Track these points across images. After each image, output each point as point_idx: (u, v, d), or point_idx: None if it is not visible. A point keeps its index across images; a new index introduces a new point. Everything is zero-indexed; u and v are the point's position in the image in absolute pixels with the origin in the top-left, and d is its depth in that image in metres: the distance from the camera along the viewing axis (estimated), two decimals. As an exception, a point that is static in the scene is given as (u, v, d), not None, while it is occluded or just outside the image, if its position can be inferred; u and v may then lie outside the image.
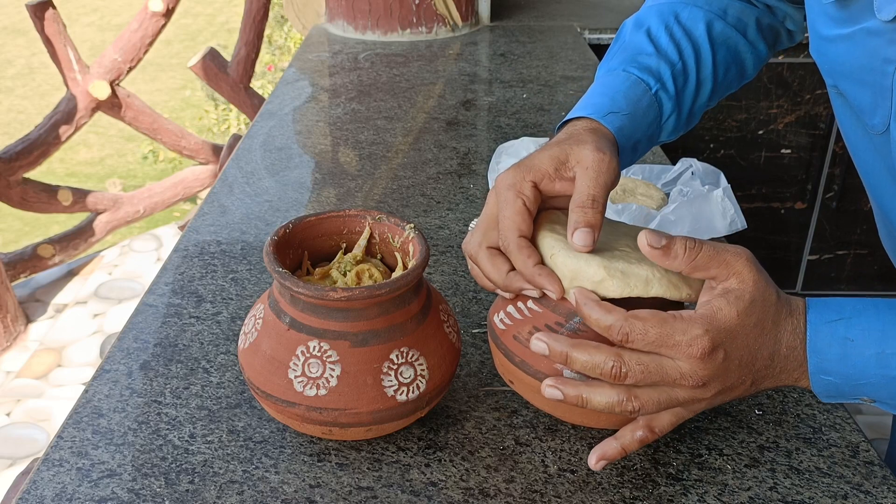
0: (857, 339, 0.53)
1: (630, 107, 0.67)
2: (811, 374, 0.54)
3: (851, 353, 0.53)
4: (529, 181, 0.59)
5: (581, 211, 0.57)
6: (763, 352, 0.54)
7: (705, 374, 0.53)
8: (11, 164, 2.64)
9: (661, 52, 0.72)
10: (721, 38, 0.75)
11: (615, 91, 0.68)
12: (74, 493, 0.61)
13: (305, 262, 0.67)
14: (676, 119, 0.73)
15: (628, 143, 0.67)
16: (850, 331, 0.53)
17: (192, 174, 3.19)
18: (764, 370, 0.55)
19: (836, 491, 0.61)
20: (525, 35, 1.95)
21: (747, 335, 0.53)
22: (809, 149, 2.16)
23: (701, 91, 0.74)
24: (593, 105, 0.67)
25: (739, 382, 0.55)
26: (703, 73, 0.74)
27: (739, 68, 0.78)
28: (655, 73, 0.70)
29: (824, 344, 0.53)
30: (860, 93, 0.61)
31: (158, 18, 2.78)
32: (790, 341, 0.54)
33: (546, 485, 0.62)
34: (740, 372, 0.54)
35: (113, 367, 0.75)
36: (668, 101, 0.71)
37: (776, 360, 0.54)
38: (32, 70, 7.07)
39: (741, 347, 0.53)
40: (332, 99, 1.52)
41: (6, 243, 4.47)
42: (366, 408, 0.59)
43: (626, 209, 0.95)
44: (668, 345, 0.52)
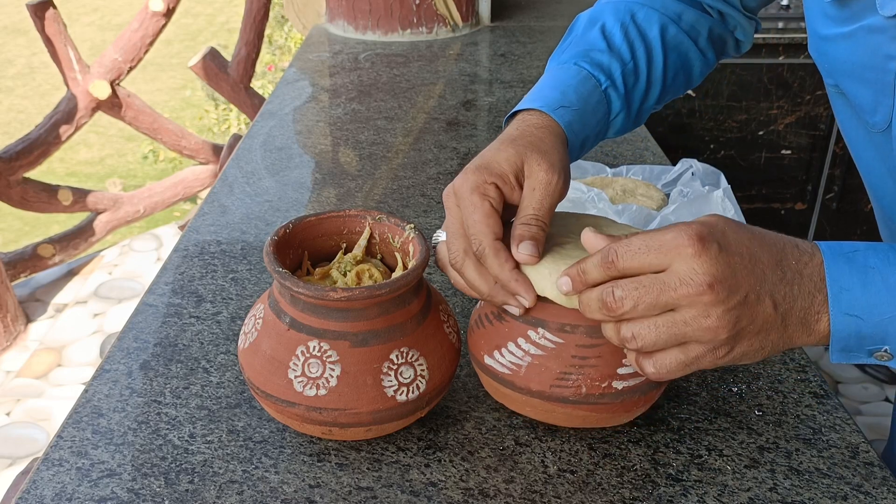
0: (878, 266, 0.50)
1: (580, 102, 0.67)
2: (832, 312, 0.50)
3: (874, 280, 0.49)
4: (492, 183, 0.58)
5: (525, 227, 0.57)
6: (764, 255, 0.50)
7: (705, 270, 0.48)
8: (12, 163, 2.64)
9: (614, 49, 0.72)
10: (674, 42, 0.75)
11: (566, 85, 0.68)
12: (74, 492, 0.61)
13: (305, 262, 0.67)
14: (625, 118, 0.73)
15: (577, 138, 0.67)
16: (869, 259, 0.50)
17: (192, 174, 3.18)
18: (779, 284, 0.50)
19: (835, 492, 0.61)
20: (525, 35, 1.95)
21: (737, 230, 0.50)
22: (809, 149, 2.16)
23: (650, 92, 0.74)
24: (544, 98, 0.66)
25: (756, 297, 0.49)
26: (654, 74, 0.74)
27: (687, 74, 0.78)
28: (606, 69, 0.70)
29: (843, 272, 0.50)
30: (861, 91, 0.61)
31: (159, 18, 2.78)
32: (798, 255, 0.51)
33: (546, 485, 0.62)
34: (750, 278, 0.49)
35: (113, 367, 0.75)
36: (618, 100, 0.71)
37: (788, 270, 0.50)
38: (33, 70, 7.07)
39: (735, 242, 0.50)
40: (332, 99, 1.52)
41: (6, 243, 4.47)
42: (365, 408, 0.59)
43: (626, 210, 0.95)
44: (656, 246, 0.50)
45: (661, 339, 0.51)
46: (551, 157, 0.60)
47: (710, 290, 0.48)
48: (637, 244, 0.50)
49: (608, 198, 0.98)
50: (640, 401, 0.62)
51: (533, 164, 0.59)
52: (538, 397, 0.61)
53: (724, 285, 0.49)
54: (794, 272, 0.50)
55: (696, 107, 2.12)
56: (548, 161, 0.59)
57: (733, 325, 0.50)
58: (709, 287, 0.48)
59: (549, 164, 0.59)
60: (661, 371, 0.53)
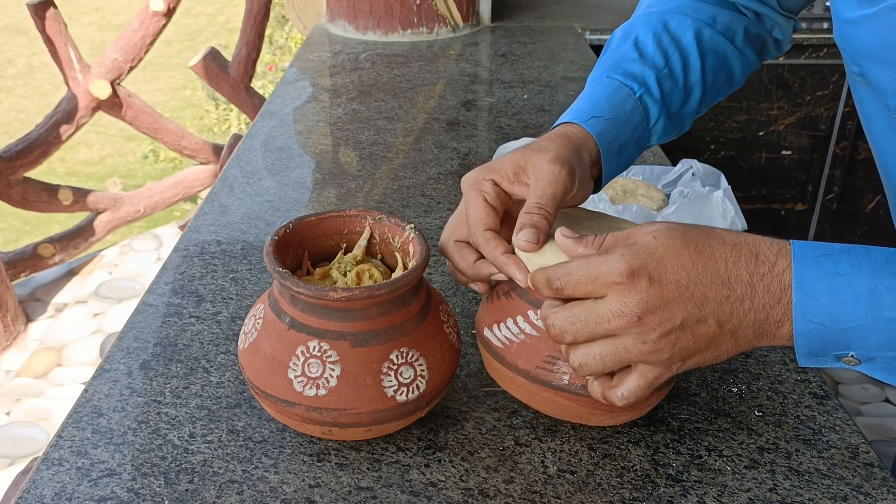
0: (848, 273, 0.49)
1: (612, 111, 0.68)
2: (795, 317, 0.50)
3: (842, 288, 0.49)
4: (489, 180, 0.62)
5: (527, 215, 0.59)
6: (708, 276, 0.50)
7: (635, 304, 0.50)
8: (12, 163, 2.64)
9: (647, 58, 0.72)
10: (710, 45, 0.75)
11: (598, 97, 0.69)
12: (74, 492, 0.61)
13: (305, 262, 0.67)
14: (666, 123, 0.73)
15: (612, 146, 0.68)
16: (840, 265, 0.49)
17: (192, 174, 3.18)
18: (725, 303, 0.50)
19: (835, 493, 0.61)
20: (526, 36, 1.95)
21: (677, 255, 0.50)
22: (810, 150, 2.16)
23: (691, 97, 0.75)
24: (577, 111, 0.68)
25: (696, 319, 0.50)
26: (692, 78, 0.74)
27: (728, 75, 0.78)
28: (639, 78, 0.71)
29: (811, 277, 0.49)
30: (884, 73, 0.60)
31: (159, 18, 2.78)
32: (754, 268, 0.50)
33: (546, 485, 0.62)
34: (687, 304, 0.50)
35: (113, 367, 0.75)
36: (654, 105, 0.71)
37: (737, 287, 0.50)
38: (33, 69, 7.07)
39: (672, 269, 0.50)
40: (332, 99, 1.52)
41: (6, 242, 4.47)
42: (365, 408, 0.59)
43: (627, 210, 0.95)
44: (592, 278, 0.52)
45: (608, 366, 0.53)
46: (556, 152, 0.62)
47: (640, 322, 0.51)
48: (577, 274, 0.53)
49: (608, 198, 0.98)
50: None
51: (536, 159, 0.61)
52: (523, 376, 0.62)
53: (654, 315, 0.50)
54: (745, 286, 0.50)
55: (697, 107, 2.12)
56: (551, 154, 0.61)
57: (672, 347, 0.51)
58: (638, 319, 0.50)
59: (552, 156, 0.61)
60: (628, 398, 0.55)
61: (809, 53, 2.04)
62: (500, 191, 0.62)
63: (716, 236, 0.52)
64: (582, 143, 0.65)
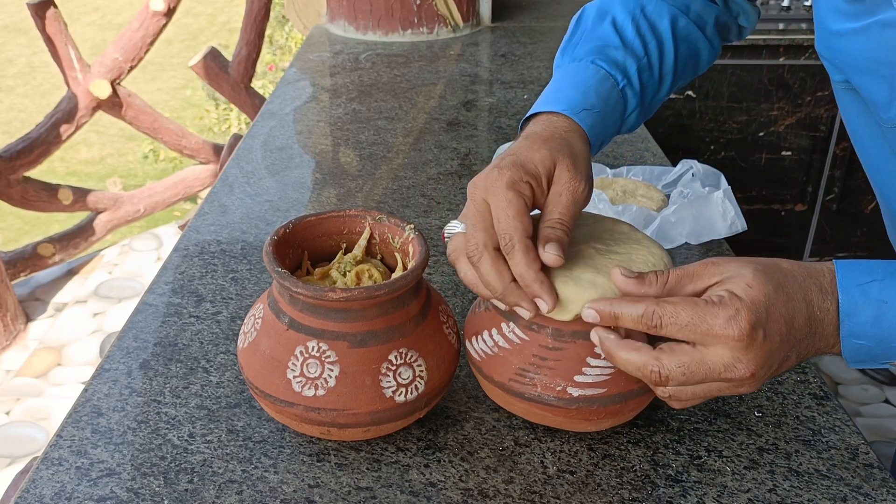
0: (892, 300, 0.51)
1: (601, 104, 0.67)
2: (843, 339, 0.53)
3: (886, 315, 0.51)
4: (527, 182, 0.57)
5: (552, 230, 0.57)
6: (798, 318, 0.52)
7: (749, 360, 0.51)
8: (12, 162, 2.64)
9: (628, 45, 0.72)
10: (683, 33, 0.75)
11: (587, 86, 0.68)
12: (73, 491, 0.61)
13: (305, 262, 0.67)
14: (638, 114, 0.73)
15: (597, 140, 0.67)
16: (885, 292, 0.52)
17: (192, 174, 3.18)
18: (805, 339, 0.53)
19: (835, 493, 0.61)
20: (526, 36, 1.95)
21: (776, 305, 0.52)
22: (810, 151, 2.16)
23: (662, 86, 0.75)
24: (567, 100, 0.66)
25: (785, 358, 0.53)
26: (665, 68, 0.74)
27: (695, 64, 0.79)
28: (622, 68, 0.70)
29: (857, 306, 0.52)
30: (875, 86, 0.61)
31: (159, 18, 2.78)
32: (820, 302, 0.53)
33: (545, 486, 0.62)
34: (785, 347, 0.52)
35: (112, 367, 0.75)
36: (633, 97, 0.71)
37: (814, 324, 0.53)
38: (33, 69, 7.07)
39: (775, 321, 0.51)
40: (332, 99, 1.52)
41: (6, 242, 4.46)
42: (364, 408, 0.59)
43: (627, 210, 0.95)
44: (703, 329, 0.51)
45: (697, 400, 0.55)
46: (580, 164, 0.60)
47: (752, 377, 0.52)
48: (685, 319, 0.51)
49: (608, 198, 0.98)
50: (601, 412, 0.61)
51: (563, 168, 0.59)
52: (499, 388, 0.63)
53: (763, 369, 0.52)
54: (817, 323, 0.53)
55: (697, 108, 2.12)
56: (577, 167, 0.60)
57: (759, 383, 0.54)
58: (752, 375, 0.52)
59: (577, 170, 0.60)
60: (685, 406, 0.57)
61: (809, 54, 2.04)
62: (534, 195, 0.58)
63: (789, 274, 0.53)
64: (583, 139, 0.64)
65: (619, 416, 0.63)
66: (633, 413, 0.64)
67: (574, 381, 0.60)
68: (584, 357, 0.60)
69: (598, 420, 0.62)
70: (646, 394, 0.62)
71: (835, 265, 0.54)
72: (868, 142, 0.68)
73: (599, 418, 0.62)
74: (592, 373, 0.60)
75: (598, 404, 0.60)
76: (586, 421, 0.62)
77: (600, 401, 0.60)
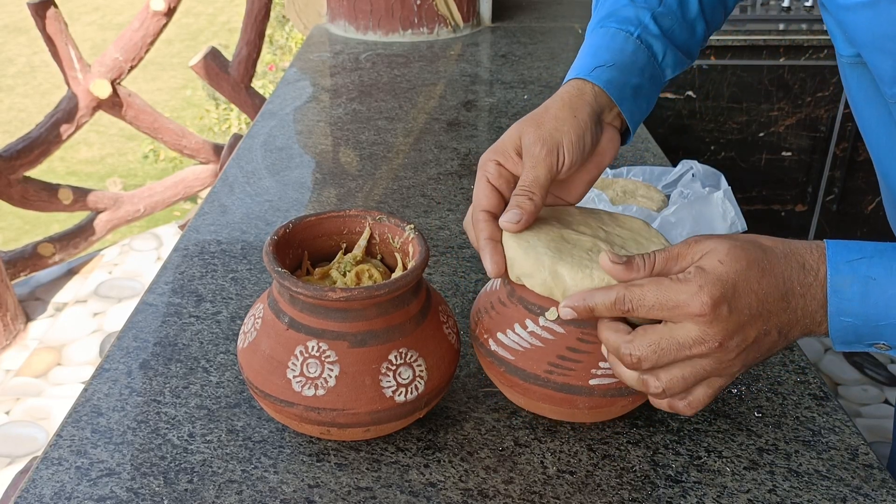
0: (880, 277, 0.52)
1: (614, 57, 0.68)
2: (830, 316, 0.53)
3: (873, 292, 0.52)
4: (493, 161, 0.63)
5: (514, 197, 0.61)
6: (772, 293, 0.53)
7: (716, 332, 0.52)
8: (12, 162, 2.64)
9: (637, 0, 0.72)
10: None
11: (597, 47, 0.70)
12: (73, 491, 0.61)
13: (305, 262, 0.67)
14: (676, 55, 0.73)
15: (624, 90, 0.68)
16: (872, 269, 0.52)
17: (192, 174, 3.18)
18: (783, 314, 0.53)
19: (835, 494, 0.61)
20: (526, 36, 1.95)
21: (747, 280, 0.52)
22: (810, 151, 2.16)
23: (694, 30, 0.75)
24: (579, 66, 0.69)
25: (763, 333, 0.53)
26: (690, 13, 0.74)
27: (724, 6, 0.79)
28: (634, 20, 0.71)
29: (845, 283, 0.52)
30: (882, 61, 0.61)
31: (160, 17, 2.78)
32: (802, 278, 0.53)
33: (545, 486, 0.62)
34: (757, 322, 0.53)
35: (112, 366, 0.75)
36: (657, 41, 0.71)
37: (792, 299, 0.53)
38: (33, 69, 7.07)
39: (745, 294, 0.52)
40: (333, 99, 1.52)
41: (6, 241, 4.46)
42: (364, 408, 0.59)
43: (627, 210, 0.95)
44: (669, 307, 0.52)
45: (689, 385, 0.55)
46: (540, 130, 0.63)
47: (721, 348, 0.53)
48: (652, 300, 0.53)
49: (608, 198, 0.98)
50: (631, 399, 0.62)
51: (526, 139, 0.63)
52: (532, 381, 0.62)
53: (733, 340, 0.53)
54: (798, 298, 0.53)
55: (697, 108, 2.12)
56: (537, 133, 0.62)
57: (744, 360, 0.54)
58: (720, 345, 0.52)
59: (537, 136, 0.62)
60: (696, 407, 0.57)
61: (810, 55, 2.04)
62: (503, 170, 0.63)
63: (769, 250, 0.54)
64: (579, 101, 0.65)
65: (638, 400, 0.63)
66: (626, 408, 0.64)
67: (599, 367, 0.60)
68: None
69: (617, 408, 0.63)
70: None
71: (825, 243, 0.54)
72: (872, 119, 0.68)
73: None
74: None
75: (617, 395, 0.61)
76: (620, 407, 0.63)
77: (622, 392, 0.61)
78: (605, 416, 0.65)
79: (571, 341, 0.60)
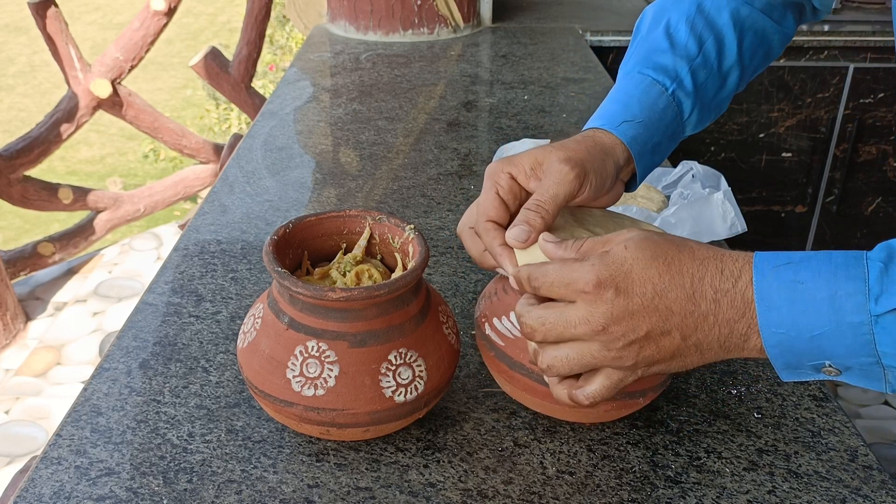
0: (807, 280, 0.48)
1: (644, 113, 0.68)
2: (761, 328, 0.49)
3: (801, 297, 0.48)
4: (506, 173, 0.62)
5: (524, 212, 0.60)
6: (674, 290, 0.51)
7: (600, 314, 0.51)
8: (12, 161, 2.64)
9: (678, 47, 0.71)
10: (748, 22, 0.73)
11: (629, 97, 0.69)
12: (73, 491, 0.61)
13: (305, 262, 0.67)
14: (700, 113, 0.72)
15: (645, 147, 0.68)
16: (800, 273, 0.49)
17: (192, 173, 3.18)
18: (689, 317, 0.51)
19: (834, 495, 0.61)
20: (527, 37, 1.95)
21: (645, 268, 0.51)
22: (810, 152, 2.16)
23: (727, 81, 0.73)
24: (608, 114, 0.68)
25: (660, 332, 0.51)
26: (727, 62, 0.72)
27: (766, 50, 0.76)
28: (672, 72, 0.70)
29: (772, 289, 0.49)
30: None
31: (160, 17, 2.78)
32: (718, 283, 0.50)
33: (544, 486, 0.62)
34: (651, 315, 0.51)
35: (112, 366, 0.75)
36: (688, 99, 0.70)
37: (702, 302, 0.50)
38: (34, 68, 7.07)
39: (639, 281, 0.51)
40: (333, 99, 1.52)
41: (6, 241, 4.46)
42: (363, 408, 0.59)
43: (627, 211, 0.96)
44: (564, 283, 0.53)
45: (574, 369, 0.55)
46: (569, 153, 0.62)
47: (605, 331, 0.52)
48: (552, 277, 0.54)
49: (608, 199, 0.98)
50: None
51: (551, 158, 0.62)
52: (519, 371, 0.63)
53: (619, 326, 0.51)
54: (710, 302, 0.51)
55: (697, 109, 2.12)
56: (565, 155, 0.62)
57: (636, 355, 0.53)
58: (603, 329, 0.52)
59: (565, 156, 0.62)
60: (593, 398, 0.56)
61: (810, 56, 2.04)
62: (514, 184, 0.62)
63: (687, 250, 0.52)
64: (609, 149, 0.65)
65: (623, 409, 0.63)
66: (616, 410, 0.64)
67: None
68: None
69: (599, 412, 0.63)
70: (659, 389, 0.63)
71: (754, 253, 0.52)
72: None
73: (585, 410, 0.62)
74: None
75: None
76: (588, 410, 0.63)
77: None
78: (588, 417, 0.65)
79: None
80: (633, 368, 0.54)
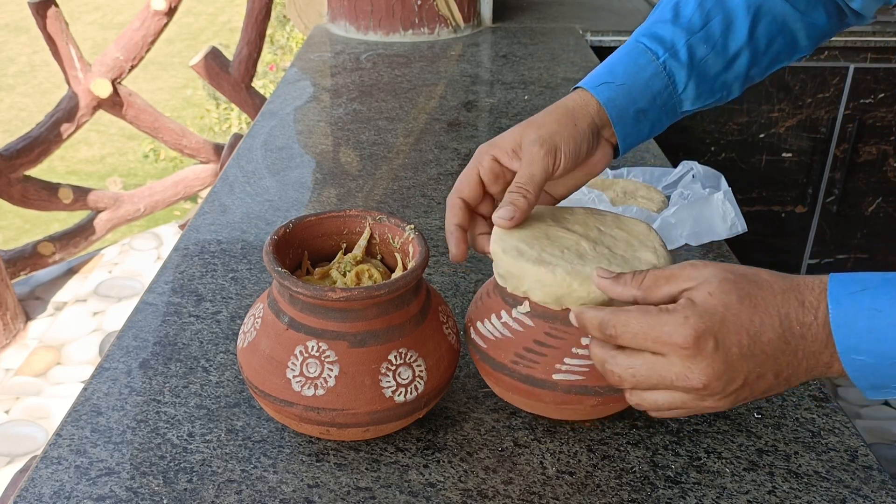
0: (886, 308, 0.47)
1: (627, 77, 0.68)
2: (841, 355, 0.49)
3: (880, 325, 0.48)
4: (490, 154, 0.65)
5: (508, 194, 0.63)
6: (767, 333, 0.50)
7: (700, 370, 0.50)
8: (12, 161, 2.64)
9: (681, 19, 0.70)
10: (766, 7, 0.71)
11: (616, 62, 0.69)
12: (73, 491, 0.61)
13: (305, 262, 0.67)
14: (698, 88, 0.70)
15: (626, 112, 0.67)
16: (877, 300, 0.48)
17: (192, 173, 3.18)
18: (781, 356, 0.50)
19: (834, 495, 0.61)
20: (527, 37, 1.95)
21: (736, 314, 0.50)
22: (810, 153, 2.16)
23: (735, 63, 0.71)
24: (593, 76, 0.69)
25: (756, 376, 0.51)
26: (734, 43, 0.71)
27: (789, 40, 0.74)
28: (668, 42, 0.69)
29: (849, 317, 0.48)
30: None
31: (160, 17, 2.78)
32: (801, 316, 0.50)
33: (544, 486, 0.62)
34: (748, 362, 0.50)
35: (112, 366, 0.75)
36: (681, 70, 0.69)
37: (791, 340, 0.50)
38: (34, 68, 7.07)
39: (734, 330, 0.50)
40: (333, 99, 1.52)
41: (7, 241, 4.46)
42: (363, 408, 0.59)
43: (627, 211, 0.96)
44: (652, 337, 0.51)
45: (664, 411, 0.54)
46: (540, 131, 0.64)
47: (705, 389, 0.51)
48: (636, 328, 0.52)
49: (609, 199, 0.98)
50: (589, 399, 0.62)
51: (527, 138, 0.64)
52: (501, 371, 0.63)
53: (719, 381, 0.50)
54: (797, 339, 0.50)
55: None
56: (535, 134, 0.64)
57: (731, 403, 0.53)
58: (704, 387, 0.50)
59: (535, 136, 0.64)
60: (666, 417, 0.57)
61: (810, 56, 2.04)
62: (496, 165, 0.65)
63: (766, 285, 0.51)
64: (580, 111, 0.66)
65: (606, 406, 0.63)
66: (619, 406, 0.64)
67: (564, 362, 0.61)
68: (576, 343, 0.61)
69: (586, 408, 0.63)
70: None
71: (829, 277, 0.51)
72: None
73: (589, 406, 0.63)
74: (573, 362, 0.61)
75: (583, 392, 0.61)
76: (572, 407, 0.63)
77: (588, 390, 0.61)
78: (574, 414, 0.65)
79: (539, 335, 0.61)
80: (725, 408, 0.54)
